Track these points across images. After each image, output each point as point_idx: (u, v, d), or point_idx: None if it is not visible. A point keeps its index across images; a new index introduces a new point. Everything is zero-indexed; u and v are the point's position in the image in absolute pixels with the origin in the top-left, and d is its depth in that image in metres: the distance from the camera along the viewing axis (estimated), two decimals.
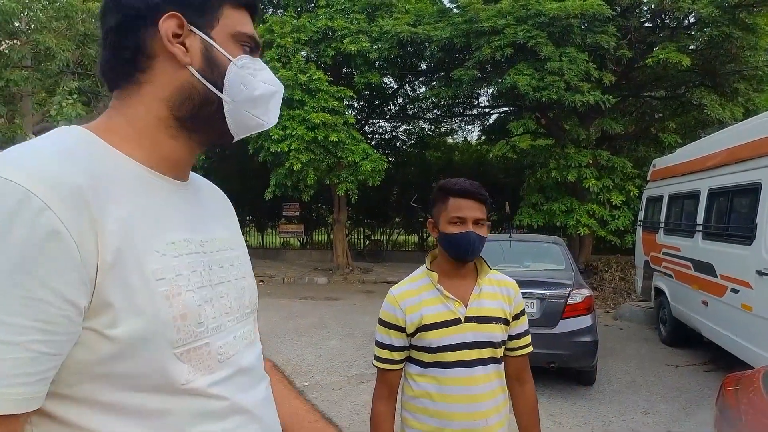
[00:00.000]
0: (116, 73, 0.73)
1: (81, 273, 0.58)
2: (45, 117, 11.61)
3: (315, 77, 10.74)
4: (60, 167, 0.60)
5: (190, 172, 0.83)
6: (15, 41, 11.04)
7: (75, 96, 9.27)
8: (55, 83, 10.82)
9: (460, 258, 1.56)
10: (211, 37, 0.73)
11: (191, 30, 0.72)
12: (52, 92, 11.00)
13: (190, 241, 0.73)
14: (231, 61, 0.74)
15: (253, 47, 0.78)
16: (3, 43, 11.27)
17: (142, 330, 0.63)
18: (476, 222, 1.53)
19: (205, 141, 0.78)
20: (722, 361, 5.47)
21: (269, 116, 0.80)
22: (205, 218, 0.80)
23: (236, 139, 0.80)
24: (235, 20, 0.76)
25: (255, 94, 0.76)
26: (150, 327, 0.64)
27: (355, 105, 14.98)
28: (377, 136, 17.32)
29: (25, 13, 10.00)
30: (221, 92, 0.73)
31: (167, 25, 0.70)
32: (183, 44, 0.72)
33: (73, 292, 0.58)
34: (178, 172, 0.77)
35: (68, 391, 0.61)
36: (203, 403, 0.70)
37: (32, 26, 10.53)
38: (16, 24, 10.31)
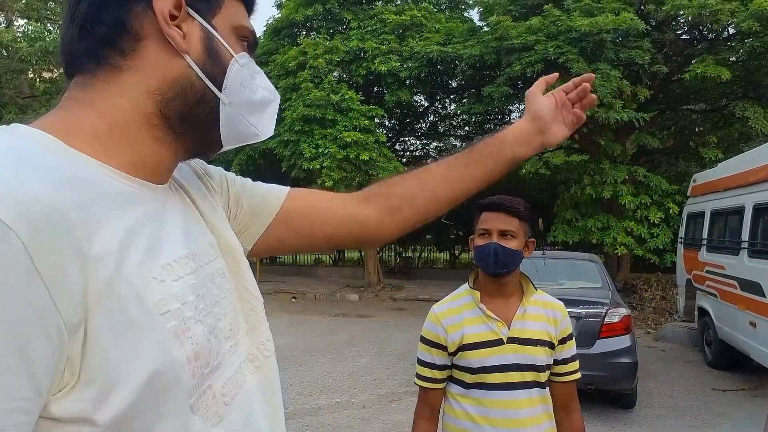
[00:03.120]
0: (86, 54, 0.59)
1: (54, 325, 0.44)
2: None
3: (347, 97, 10.96)
4: (28, 183, 0.45)
5: None
6: None
7: None
8: None
9: (487, 271, 1.54)
10: (212, 26, 0.62)
11: (190, 14, 0.60)
12: None
13: (188, 257, 0.59)
14: (233, 56, 0.63)
15: (251, 44, 0.68)
16: (54, 71, 11.99)
17: (152, 381, 0.49)
18: (503, 234, 1.51)
19: (191, 148, 0.65)
20: None
21: (264, 126, 0.69)
22: (193, 223, 0.67)
23: (224, 149, 0.69)
24: (237, 12, 0.66)
25: (253, 98, 0.66)
26: (161, 376, 0.50)
27: (386, 123, 15.14)
28: (408, 153, 17.41)
29: None
30: (220, 91, 0.62)
31: (164, 2, 0.58)
32: (180, 28, 0.60)
33: (43, 351, 0.43)
34: (160, 177, 0.63)
35: None
36: None
37: None
38: None
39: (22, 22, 12.45)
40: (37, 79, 12.68)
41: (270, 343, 0.73)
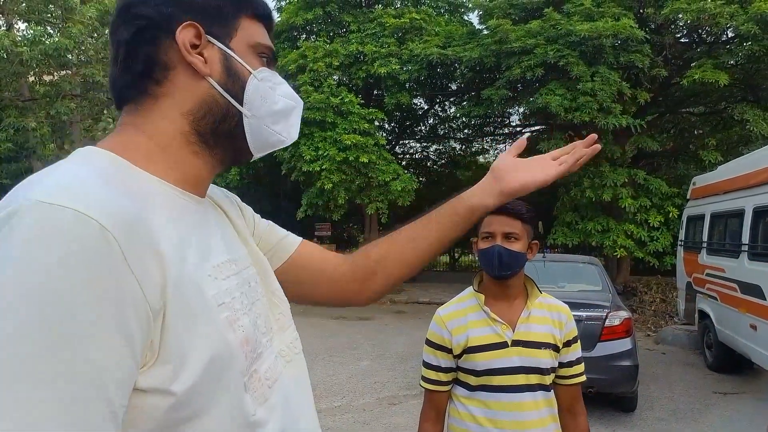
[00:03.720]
0: (129, 87, 0.69)
1: (143, 310, 0.53)
2: (91, 143, 12.22)
3: (346, 100, 10.97)
4: (115, 196, 0.55)
5: None
6: (66, 72, 11.75)
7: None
8: (101, 111, 11.41)
9: (492, 273, 1.54)
10: (230, 48, 0.70)
11: (209, 40, 0.69)
12: (98, 120, 11.59)
13: (230, 261, 0.70)
14: (251, 73, 0.71)
15: (270, 59, 0.76)
16: (55, 74, 12.00)
17: (214, 360, 0.59)
18: (506, 236, 1.51)
19: (225, 159, 0.75)
20: None
21: (290, 132, 0.78)
22: (229, 234, 0.77)
23: (255, 157, 0.77)
24: (253, 31, 0.73)
25: (275, 109, 0.74)
26: (221, 356, 0.60)
27: (386, 126, 15.15)
28: (408, 156, 17.43)
29: (76, 47, 10.64)
30: (241, 105, 0.71)
31: (185, 34, 0.67)
32: (201, 55, 0.68)
33: (138, 333, 0.53)
34: (200, 191, 0.73)
35: None
36: None
37: (81, 58, 11.19)
38: (68, 57, 10.99)
39: (22, 25, 12.47)
40: (38, 82, 12.69)
41: (297, 342, 0.83)
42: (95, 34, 11.29)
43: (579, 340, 1.61)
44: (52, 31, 11.82)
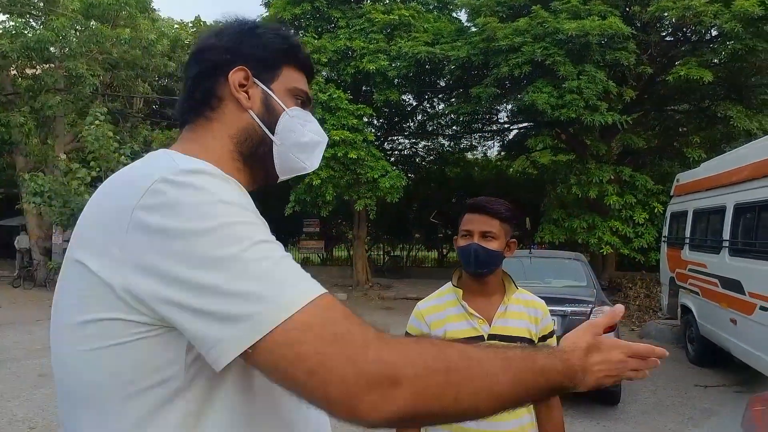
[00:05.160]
0: (191, 111, 0.88)
1: None
2: (77, 138, 12.05)
3: (335, 96, 10.93)
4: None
5: None
6: (50, 65, 11.53)
7: (104, 118, 9.58)
8: (86, 106, 11.23)
9: (469, 270, 1.59)
10: (270, 89, 0.89)
11: (255, 82, 0.88)
12: (82, 114, 11.40)
13: None
14: (285, 110, 0.89)
15: (305, 101, 0.93)
16: (38, 67, 11.77)
17: None
18: (484, 235, 1.56)
19: (257, 179, 0.92)
20: (754, 382, 5.28)
21: (312, 161, 0.94)
22: None
23: (281, 179, 0.93)
24: (293, 78, 0.91)
25: (302, 141, 0.91)
26: None
27: (375, 122, 15.14)
28: (396, 152, 17.43)
29: (59, 40, 10.44)
30: (273, 135, 0.88)
31: (235, 76, 0.86)
32: (247, 92, 0.87)
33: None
34: None
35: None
36: None
37: (65, 51, 10.99)
38: (51, 50, 10.78)
39: (3, 17, 12.22)
40: (20, 76, 12.46)
41: None
42: (78, 27, 11.08)
43: (555, 335, 1.65)
44: (34, 24, 11.61)
